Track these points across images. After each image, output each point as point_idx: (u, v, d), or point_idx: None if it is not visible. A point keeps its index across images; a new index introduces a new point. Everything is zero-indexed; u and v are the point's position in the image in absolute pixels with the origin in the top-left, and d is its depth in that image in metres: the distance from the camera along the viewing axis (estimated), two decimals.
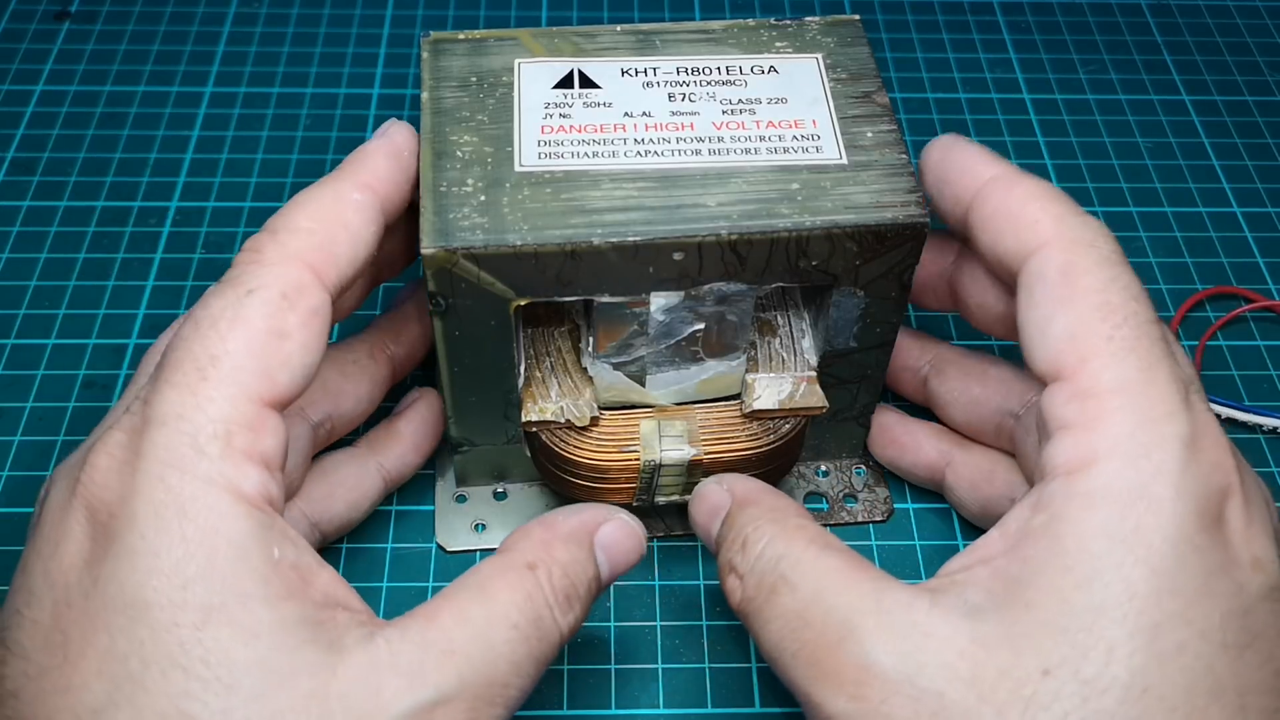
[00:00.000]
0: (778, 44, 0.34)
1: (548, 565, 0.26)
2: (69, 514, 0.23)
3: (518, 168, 0.30)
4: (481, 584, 0.25)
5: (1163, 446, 0.22)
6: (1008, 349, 0.41)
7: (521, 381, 0.32)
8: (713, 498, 0.30)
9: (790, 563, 0.26)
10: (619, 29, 0.34)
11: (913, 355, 0.35)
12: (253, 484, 0.23)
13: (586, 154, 0.30)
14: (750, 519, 0.28)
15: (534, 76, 0.32)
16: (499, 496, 0.37)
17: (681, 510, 0.37)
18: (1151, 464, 0.22)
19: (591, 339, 0.32)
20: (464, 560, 0.36)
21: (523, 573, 0.25)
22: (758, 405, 0.32)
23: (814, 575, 0.25)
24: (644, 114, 0.32)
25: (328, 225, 0.26)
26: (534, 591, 0.25)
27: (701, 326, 0.31)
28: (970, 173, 0.28)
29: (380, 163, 0.28)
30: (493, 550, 0.30)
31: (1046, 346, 0.24)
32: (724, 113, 0.32)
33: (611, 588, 0.36)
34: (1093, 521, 0.22)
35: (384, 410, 0.36)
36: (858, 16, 0.35)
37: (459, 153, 0.30)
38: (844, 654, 0.23)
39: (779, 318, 0.34)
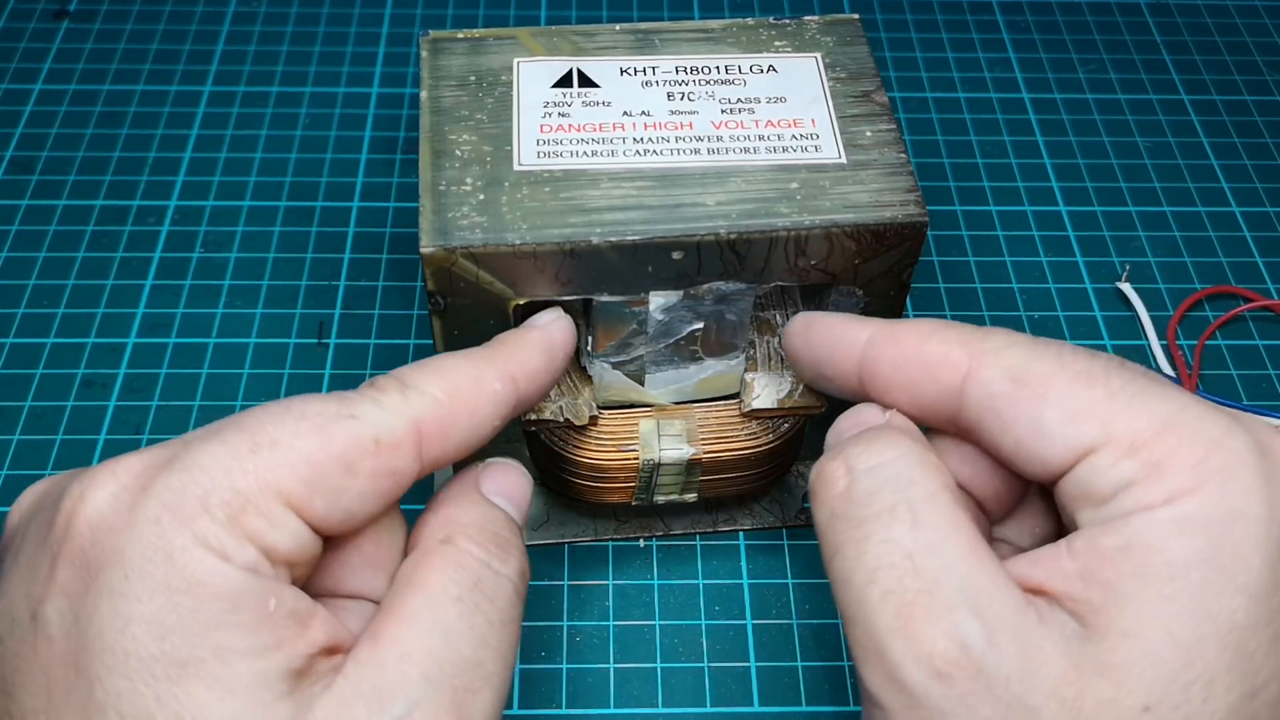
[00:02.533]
0: (777, 43, 0.34)
1: (461, 530, 0.24)
2: (57, 535, 0.22)
3: (517, 167, 0.30)
4: (408, 580, 0.23)
5: (1241, 463, 0.21)
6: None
7: None
8: (866, 412, 0.27)
9: (921, 495, 0.23)
10: (618, 28, 0.34)
11: (844, 345, 0.28)
12: (244, 558, 0.21)
13: (585, 153, 0.30)
14: (880, 418, 0.26)
15: (533, 75, 0.32)
16: None
17: (681, 510, 0.37)
18: (1239, 484, 0.21)
19: (590, 338, 0.32)
20: None
21: (441, 550, 0.24)
22: (756, 404, 0.32)
23: (942, 524, 0.23)
24: (643, 113, 0.32)
25: (455, 406, 0.25)
26: (461, 559, 0.24)
27: (700, 325, 0.31)
28: (843, 344, 0.27)
29: (534, 358, 0.27)
30: None
31: (1055, 442, 0.23)
32: (723, 112, 0.32)
33: (611, 587, 0.36)
34: (1187, 548, 0.21)
35: None
36: (857, 15, 0.35)
37: (458, 151, 0.30)
38: (947, 624, 0.21)
39: (778, 316, 0.34)
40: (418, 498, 0.26)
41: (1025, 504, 0.27)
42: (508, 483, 0.26)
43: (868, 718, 0.23)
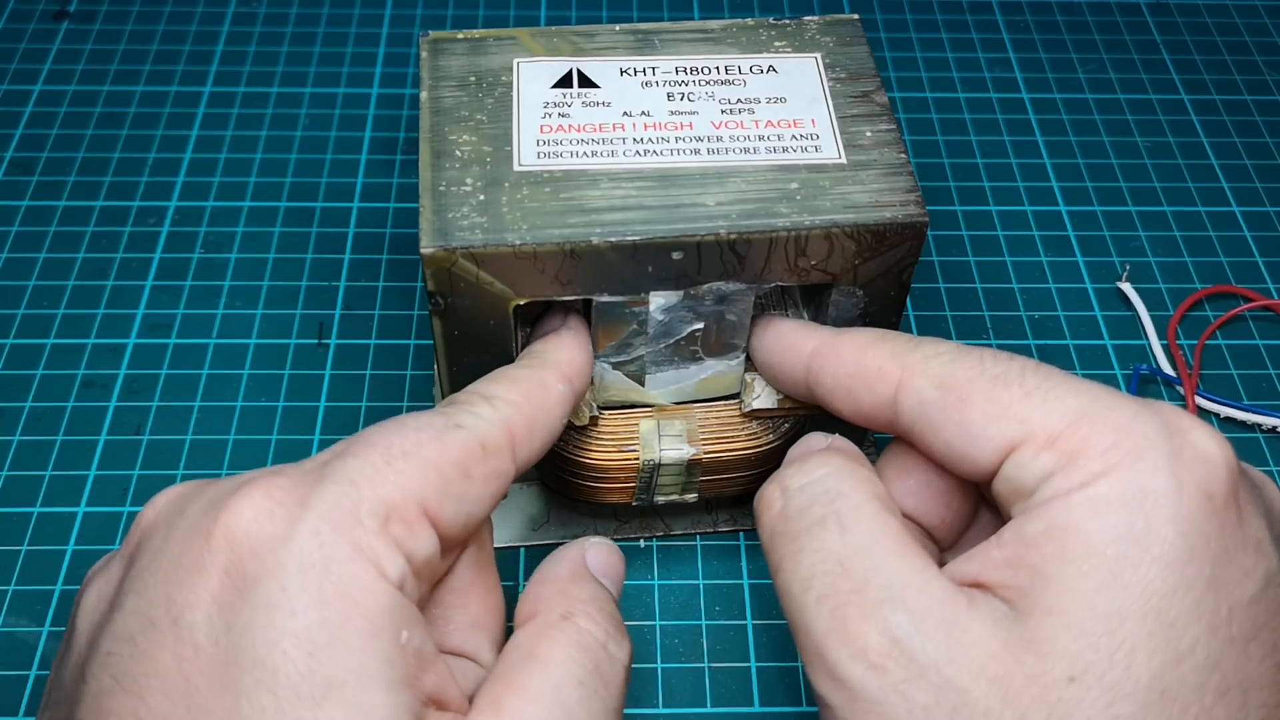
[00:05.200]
0: (776, 43, 0.34)
1: (581, 608, 0.25)
2: (210, 543, 0.22)
3: (517, 167, 0.30)
4: (530, 653, 0.24)
5: (1150, 444, 0.22)
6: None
7: None
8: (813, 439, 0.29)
9: (849, 505, 0.25)
10: (618, 28, 0.34)
11: (794, 352, 0.30)
12: (395, 569, 0.22)
13: (585, 153, 0.30)
14: (823, 444, 0.27)
15: (533, 76, 0.32)
16: None
17: (681, 510, 0.37)
18: (1147, 463, 0.22)
19: (591, 338, 0.32)
20: None
21: (563, 626, 0.24)
22: (756, 404, 0.32)
23: (869, 528, 0.24)
24: (643, 113, 0.32)
25: (534, 407, 0.27)
26: (582, 639, 0.24)
27: (700, 326, 0.31)
28: (790, 354, 0.30)
29: (578, 355, 0.30)
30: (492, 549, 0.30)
31: (981, 443, 0.24)
32: (723, 112, 0.32)
33: None
34: (1102, 526, 0.22)
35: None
36: (856, 16, 0.35)
37: (458, 152, 0.30)
38: (877, 619, 0.23)
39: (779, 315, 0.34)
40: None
41: (973, 529, 0.28)
42: (611, 564, 0.27)
43: None
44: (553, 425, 0.27)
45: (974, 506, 0.27)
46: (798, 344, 0.29)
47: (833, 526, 0.25)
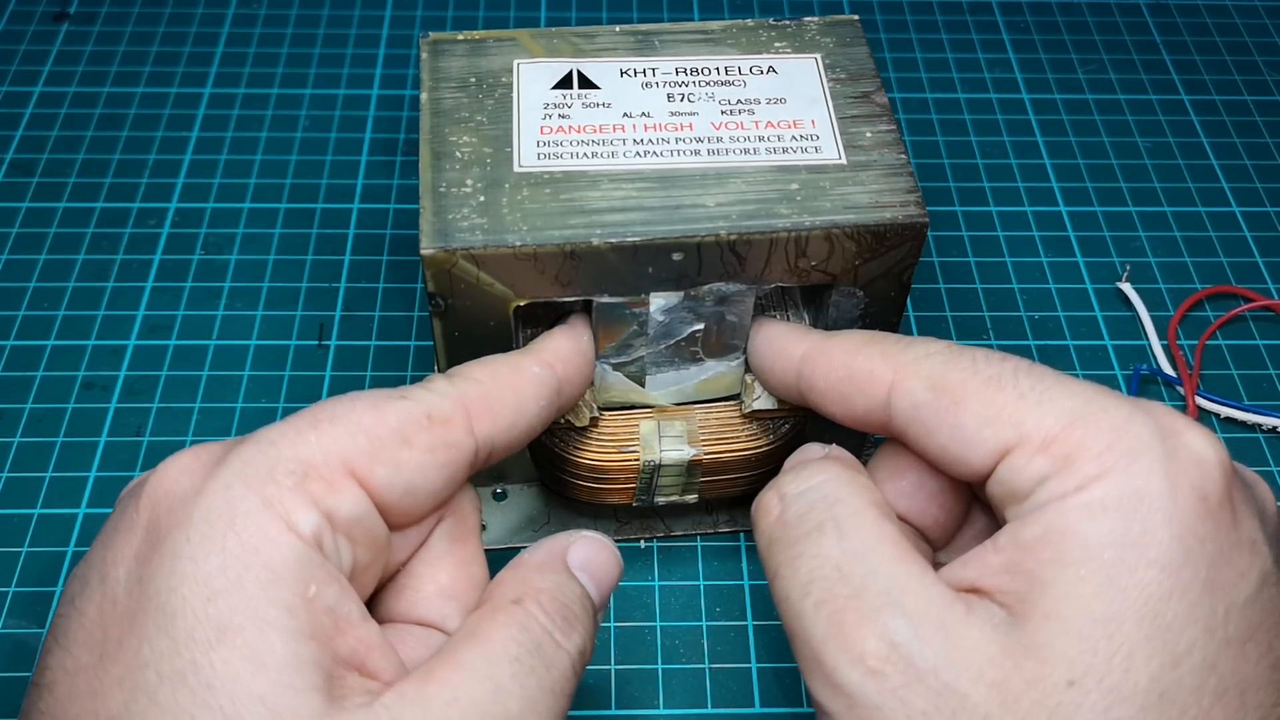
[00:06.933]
0: (776, 44, 0.34)
1: (533, 595, 0.25)
2: (138, 505, 0.23)
3: (517, 168, 0.30)
4: (471, 631, 0.24)
5: (1144, 447, 0.22)
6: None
7: None
8: (810, 449, 0.29)
9: (847, 511, 0.25)
10: (618, 29, 0.34)
11: (785, 354, 0.30)
12: (308, 523, 0.22)
13: (586, 154, 0.30)
14: (820, 453, 0.28)
15: (533, 77, 0.32)
16: (498, 497, 0.37)
17: (682, 511, 0.37)
18: (1141, 466, 0.22)
19: (591, 335, 0.32)
20: None
21: (509, 609, 0.24)
22: (757, 405, 0.32)
23: (867, 534, 0.24)
24: (643, 114, 0.32)
25: (499, 384, 0.27)
26: (526, 621, 0.24)
27: (701, 327, 0.31)
28: (781, 359, 0.30)
29: (563, 344, 0.30)
30: (492, 551, 0.30)
31: (975, 446, 0.24)
32: (723, 113, 0.32)
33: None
34: (1098, 530, 0.22)
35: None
36: (856, 17, 0.35)
37: (458, 153, 0.30)
38: (876, 625, 0.23)
39: (778, 317, 0.34)
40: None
41: (966, 529, 0.28)
42: (595, 559, 0.27)
43: None
44: (523, 405, 0.27)
45: (966, 506, 0.28)
46: (788, 349, 0.29)
47: (831, 532, 0.25)
